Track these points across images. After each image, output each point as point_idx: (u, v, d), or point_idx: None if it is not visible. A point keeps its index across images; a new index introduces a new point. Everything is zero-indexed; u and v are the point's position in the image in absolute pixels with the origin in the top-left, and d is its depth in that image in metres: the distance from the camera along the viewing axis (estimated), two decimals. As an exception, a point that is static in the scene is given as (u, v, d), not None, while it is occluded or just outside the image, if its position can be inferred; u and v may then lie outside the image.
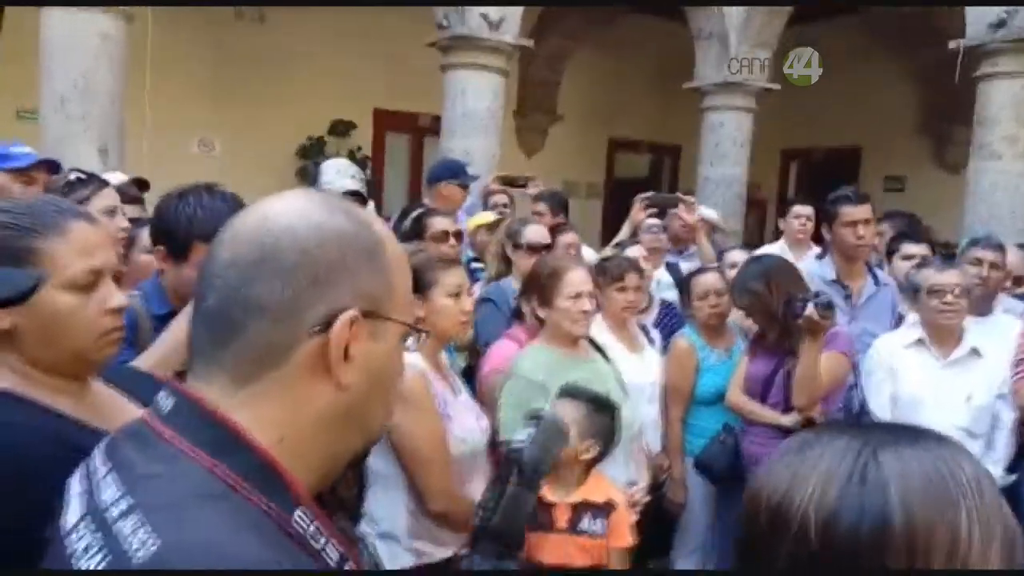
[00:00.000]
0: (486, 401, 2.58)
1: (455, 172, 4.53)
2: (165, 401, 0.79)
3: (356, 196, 2.77)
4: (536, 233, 3.48)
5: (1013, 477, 2.87)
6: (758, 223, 10.65)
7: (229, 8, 8.39)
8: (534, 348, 2.61)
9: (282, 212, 0.79)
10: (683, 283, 4.26)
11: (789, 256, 4.61)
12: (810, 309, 2.66)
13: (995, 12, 5.69)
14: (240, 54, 8.41)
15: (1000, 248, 3.35)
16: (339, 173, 2.73)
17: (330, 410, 0.78)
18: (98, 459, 0.80)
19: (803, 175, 11.31)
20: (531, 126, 10.33)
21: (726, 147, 7.94)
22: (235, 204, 1.87)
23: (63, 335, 1.16)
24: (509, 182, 4.88)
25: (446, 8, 6.70)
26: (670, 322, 3.65)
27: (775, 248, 5.00)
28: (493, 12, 6.55)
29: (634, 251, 3.53)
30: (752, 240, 9.56)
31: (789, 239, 4.94)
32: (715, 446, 3.02)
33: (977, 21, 5.85)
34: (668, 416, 3.24)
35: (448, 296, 2.09)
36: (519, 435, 1.46)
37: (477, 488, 2.23)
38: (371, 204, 3.52)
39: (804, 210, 4.95)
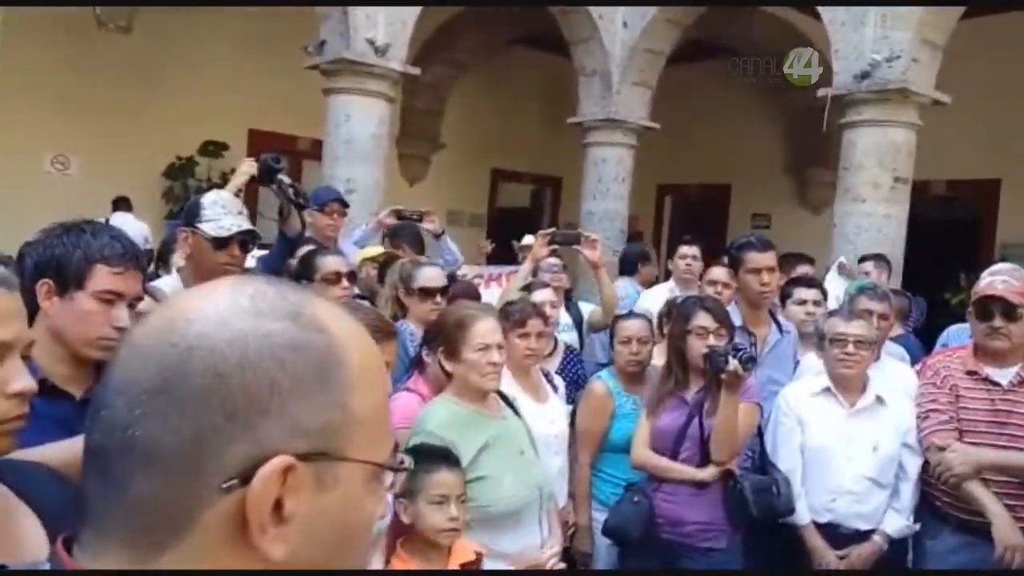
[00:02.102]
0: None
1: (316, 198, 4.33)
2: None
3: (249, 236, 2.51)
4: (431, 276, 3.30)
5: (917, 526, 2.94)
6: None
7: (90, 16, 7.79)
8: (442, 403, 2.43)
9: (196, 315, 0.58)
10: (581, 324, 4.21)
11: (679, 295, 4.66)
12: (733, 364, 2.63)
13: (860, 64, 6.03)
14: (102, 66, 7.81)
15: (886, 297, 3.46)
16: (225, 210, 2.46)
17: None
18: None
19: (677, 210, 11.69)
20: (414, 154, 10.16)
21: (608, 182, 8.06)
22: (130, 241, 1.64)
23: None
24: (403, 217, 4.67)
25: (329, 30, 6.46)
26: (574, 368, 3.55)
27: (664, 288, 5.03)
28: (380, 38, 6.37)
29: (543, 295, 3.42)
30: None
31: (677, 279, 4.99)
32: (626, 507, 2.88)
33: (844, 71, 6.17)
34: (577, 461, 3.12)
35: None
36: None
37: (375, 564, 2.05)
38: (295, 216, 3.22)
39: (689, 250, 4.99)
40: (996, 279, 2.92)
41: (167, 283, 2.66)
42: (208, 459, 0.55)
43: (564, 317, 4.14)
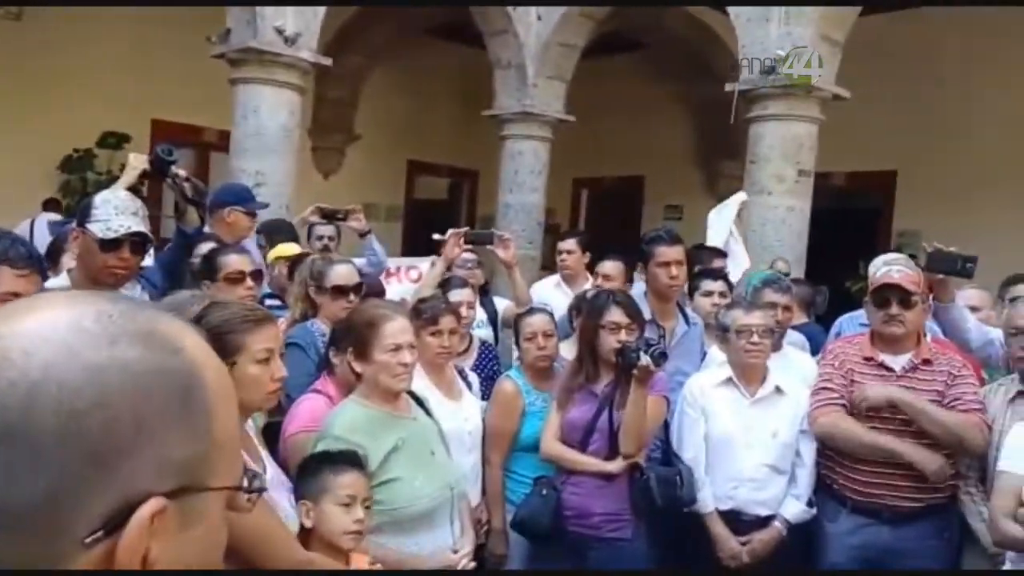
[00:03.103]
0: (291, 465, 2.33)
1: (241, 197, 4.18)
2: None
3: (139, 238, 2.39)
4: (344, 274, 3.23)
5: (813, 511, 3.05)
6: (553, 248, 10.97)
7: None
8: (350, 405, 2.39)
9: (35, 344, 0.50)
10: (496, 320, 4.21)
11: (566, 289, 4.73)
12: (645, 359, 2.67)
13: (766, 59, 6.19)
14: (-9, 54, 7.38)
15: (788, 289, 3.59)
16: (117, 210, 2.33)
17: None
18: None
19: (593, 202, 11.81)
20: (328, 146, 9.96)
21: (524, 175, 8.08)
22: (29, 244, 1.62)
23: None
24: (328, 215, 4.52)
25: (235, 18, 6.26)
26: (489, 364, 3.54)
27: (550, 282, 5.07)
28: (289, 26, 6.20)
29: (461, 295, 3.38)
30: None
31: (561, 273, 5.03)
32: (535, 500, 2.89)
33: (750, 66, 6.34)
34: (488, 462, 3.11)
35: (257, 363, 1.81)
36: None
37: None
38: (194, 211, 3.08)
39: (564, 245, 5.04)
40: (892, 268, 3.05)
41: (57, 285, 2.52)
42: (68, 512, 0.49)
43: (479, 313, 4.13)
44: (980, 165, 7.88)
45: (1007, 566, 2.60)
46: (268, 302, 3.87)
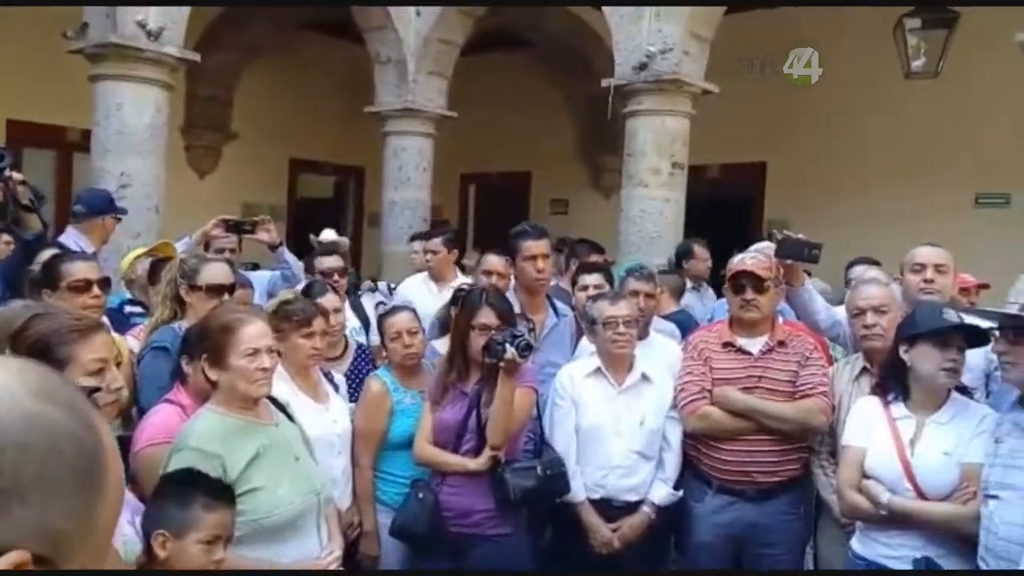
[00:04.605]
0: (141, 480, 2.23)
1: (113, 205, 4.10)
2: None
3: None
4: (218, 273, 3.08)
5: (680, 493, 3.15)
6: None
7: None
8: (206, 414, 2.29)
9: None
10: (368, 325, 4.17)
11: (432, 287, 4.75)
12: (511, 352, 2.68)
13: (638, 56, 6.35)
14: None
15: (652, 278, 3.69)
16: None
17: None
18: None
19: (481, 197, 11.85)
20: (202, 145, 9.58)
21: (409, 171, 8.02)
22: None
23: None
24: (235, 227, 4.29)
25: (93, 11, 5.93)
26: (366, 368, 3.48)
27: (417, 278, 5.04)
28: (152, 20, 5.92)
29: (326, 300, 3.31)
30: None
31: (428, 271, 5.03)
32: (412, 504, 2.86)
33: (624, 62, 6.48)
34: (358, 464, 3.05)
35: (88, 375, 1.71)
36: None
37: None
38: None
39: (430, 244, 5.04)
40: (746, 256, 3.21)
41: None
42: None
43: (353, 320, 4.08)
44: (841, 155, 8.34)
45: (856, 535, 2.76)
46: (129, 309, 3.71)
